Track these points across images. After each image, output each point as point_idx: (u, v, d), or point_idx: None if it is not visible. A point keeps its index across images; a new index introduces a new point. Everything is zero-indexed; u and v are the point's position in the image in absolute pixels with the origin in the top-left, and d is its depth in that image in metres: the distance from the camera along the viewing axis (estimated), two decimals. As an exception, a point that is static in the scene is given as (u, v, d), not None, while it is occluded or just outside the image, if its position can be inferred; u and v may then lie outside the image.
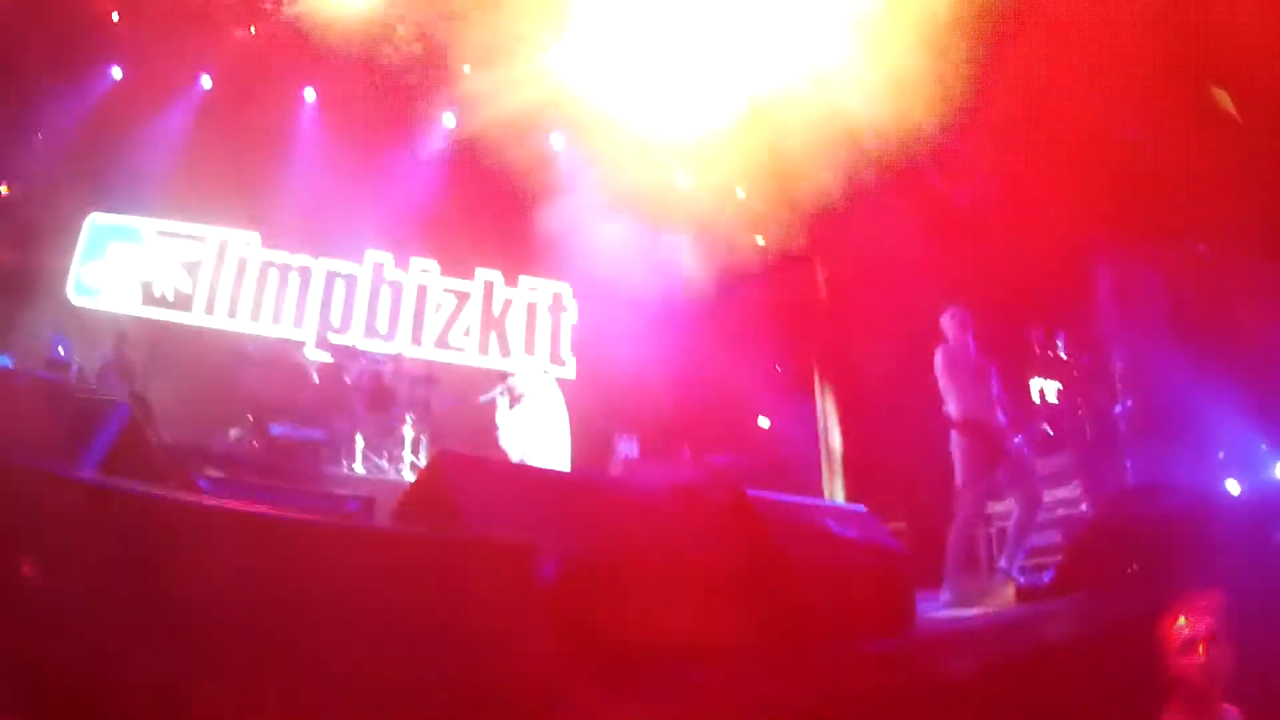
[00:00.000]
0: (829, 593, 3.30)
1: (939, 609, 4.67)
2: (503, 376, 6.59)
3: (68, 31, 10.64)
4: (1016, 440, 5.35)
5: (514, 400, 5.82)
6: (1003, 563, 5.27)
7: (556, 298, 9.78)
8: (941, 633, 3.94)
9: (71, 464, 2.63)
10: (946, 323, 5.56)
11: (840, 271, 9.47)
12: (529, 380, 5.84)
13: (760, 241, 9.55)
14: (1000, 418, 5.29)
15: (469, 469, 2.87)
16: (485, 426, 8.67)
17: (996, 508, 6.41)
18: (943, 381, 5.37)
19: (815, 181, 9.26)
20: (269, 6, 10.63)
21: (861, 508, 4.24)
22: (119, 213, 10.54)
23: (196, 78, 10.58)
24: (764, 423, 9.41)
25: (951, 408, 5.32)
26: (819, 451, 9.03)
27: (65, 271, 10.56)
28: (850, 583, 3.45)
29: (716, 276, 9.07)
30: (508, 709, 1.76)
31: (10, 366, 8.92)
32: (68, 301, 10.38)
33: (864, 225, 9.28)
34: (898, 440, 7.83)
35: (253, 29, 10.65)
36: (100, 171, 10.53)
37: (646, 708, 2.23)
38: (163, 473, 3.20)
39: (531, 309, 9.73)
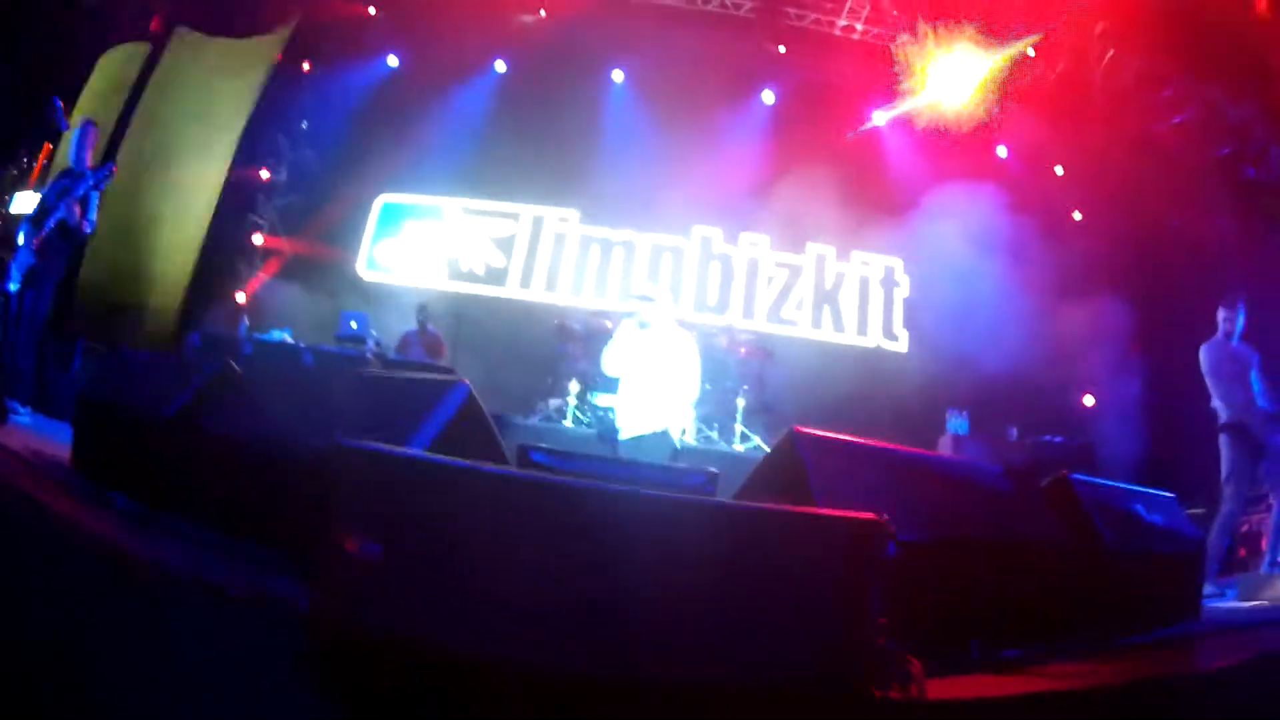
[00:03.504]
0: (1132, 580, 3.43)
1: (1214, 600, 4.74)
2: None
3: (321, 25, 11.05)
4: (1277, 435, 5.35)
5: (643, 323, 5.56)
6: (1270, 556, 5.32)
7: (889, 272, 9.73)
8: (1222, 623, 4.01)
9: (408, 441, 2.76)
10: (1219, 314, 5.56)
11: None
12: (663, 313, 5.66)
13: (1078, 216, 9.43)
14: (1263, 411, 5.33)
15: (821, 445, 2.91)
16: (817, 397, 8.69)
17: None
18: (1207, 378, 5.48)
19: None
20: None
21: (1169, 494, 4.24)
22: (410, 192, 10.81)
23: (489, 62, 10.81)
24: (1089, 401, 9.23)
25: (1216, 405, 5.45)
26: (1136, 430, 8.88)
27: (349, 251, 10.90)
28: (1149, 571, 3.58)
29: (1042, 252, 8.97)
30: (842, 676, 1.89)
31: (290, 340, 9.24)
32: (357, 279, 10.71)
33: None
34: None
35: (541, 12, 10.96)
36: (383, 155, 10.78)
37: (969, 685, 2.36)
38: (498, 449, 3.29)
39: (864, 283, 9.71)
